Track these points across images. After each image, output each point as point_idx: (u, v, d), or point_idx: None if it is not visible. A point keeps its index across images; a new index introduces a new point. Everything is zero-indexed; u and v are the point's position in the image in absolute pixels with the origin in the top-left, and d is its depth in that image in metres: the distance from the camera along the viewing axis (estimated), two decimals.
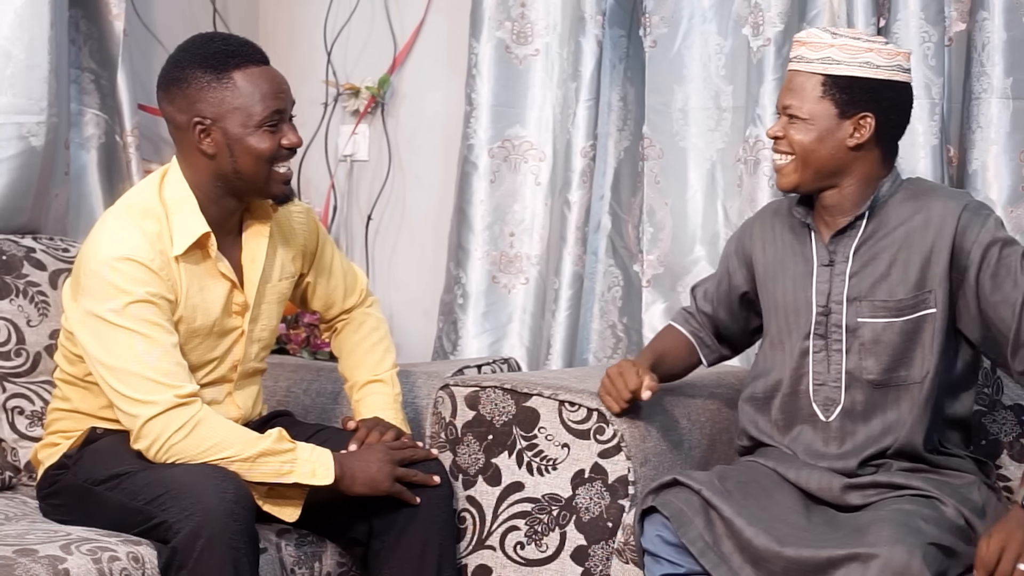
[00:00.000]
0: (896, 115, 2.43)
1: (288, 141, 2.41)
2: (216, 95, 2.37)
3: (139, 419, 2.32)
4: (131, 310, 2.31)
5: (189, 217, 2.40)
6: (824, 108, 2.39)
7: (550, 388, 2.56)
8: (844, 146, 2.40)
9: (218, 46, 2.42)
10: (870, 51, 2.40)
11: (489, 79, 3.45)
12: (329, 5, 3.74)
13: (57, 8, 2.99)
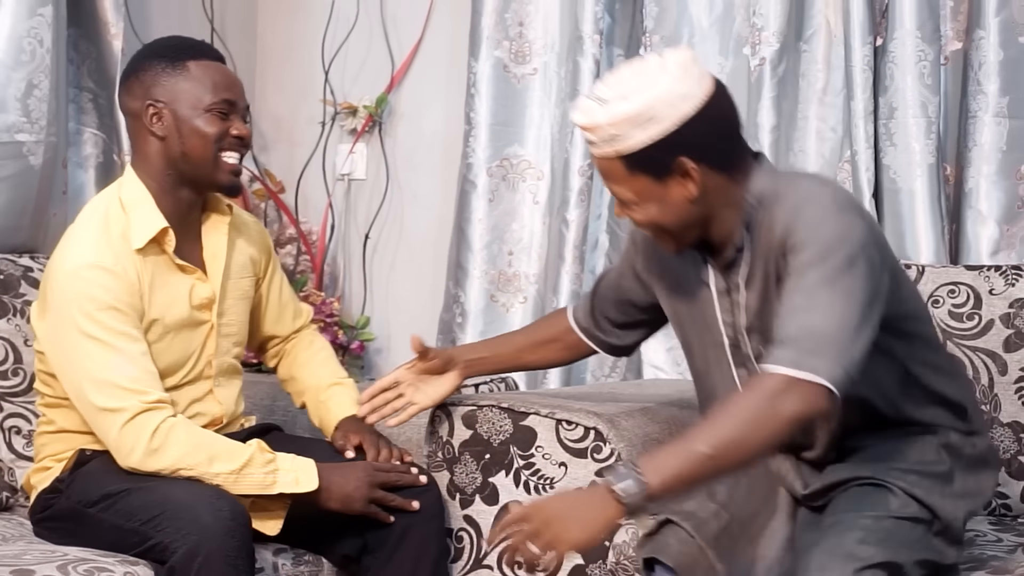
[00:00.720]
0: (711, 141, 2.12)
1: (237, 130, 2.47)
2: (170, 80, 2.45)
3: (111, 431, 2.32)
4: (98, 317, 2.33)
5: (147, 213, 2.44)
6: (641, 183, 2.12)
7: (547, 407, 2.56)
8: (685, 203, 2.13)
9: (176, 41, 2.56)
10: (640, 111, 2.06)
11: (487, 98, 3.46)
12: (327, 24, 3.75)
13: (56, 28, 2.99)
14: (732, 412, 2.01)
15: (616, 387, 3.22)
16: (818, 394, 1.98)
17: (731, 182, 2.15)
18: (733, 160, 2.16)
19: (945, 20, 3.08)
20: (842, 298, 2.02)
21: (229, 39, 3.70)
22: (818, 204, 2.10)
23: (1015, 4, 2.98)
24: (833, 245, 2.04)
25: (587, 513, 1.97)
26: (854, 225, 2.07)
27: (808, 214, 2.09)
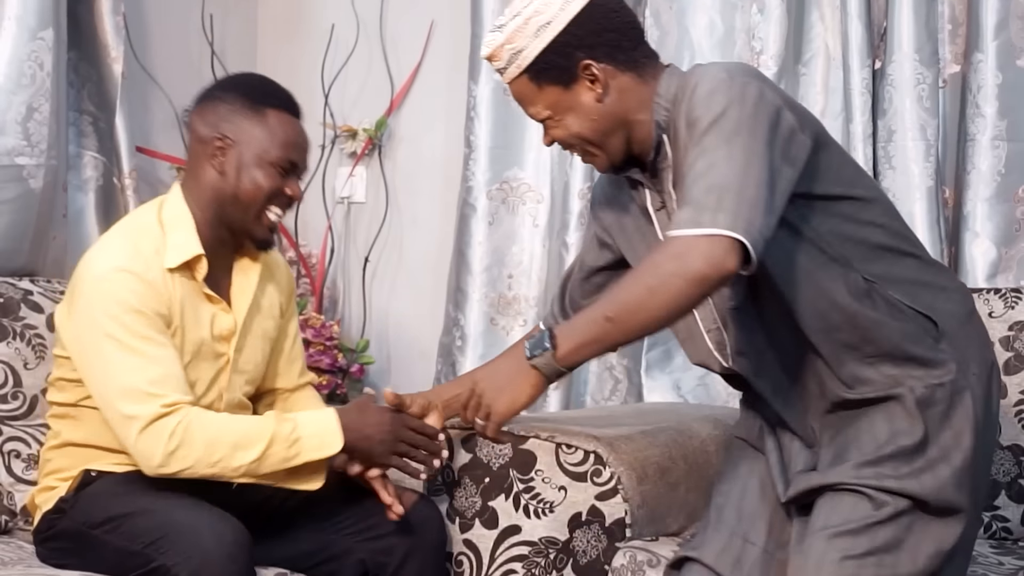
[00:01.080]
0: (604, 33, 2.16)
1: (291, 190, 2.47)
2: (245, 121, 2.44)
3: (131, 438, 2.31)
4: (123, 320, 2.32)
5: (185, 236, 2.44)
6: (550, 94, 2.18)
7: (547, 431, 2.55)
8: (596, 107, 2.16)
9: (263, 85, 2.54)
10: (529, 18, 2.14)
11: (487, 121, 3.46)
12: (327, 47, 3.76)
13: (57, 51, 3.00)
14: (636, 277, 2.03)
15: (616, 410, 3.22)
16: (723, 247, 1.94)
17: (639, 82, 2.18)
18: (636, 57, 2.19)
19: (943, 43, 3.09)
20: (741, 152, 1.99)
21: (229, 62, 3.71)
22: (709, 77, 2.08)
23: (1013, 28, 2.99)
24: (726, 109, 2.02)
25: (510, 384, 2.16)
26: (747, 87, 2.05)
27: (700, 90, 2.07)
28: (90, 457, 2.45)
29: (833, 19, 3.20)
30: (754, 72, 2.14)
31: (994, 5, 2.99)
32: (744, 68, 2.16)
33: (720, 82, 2.06)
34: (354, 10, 3.74)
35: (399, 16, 3.74)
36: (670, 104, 2.15)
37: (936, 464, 2.08)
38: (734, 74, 2.07)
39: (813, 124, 2.15)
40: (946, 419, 2.10)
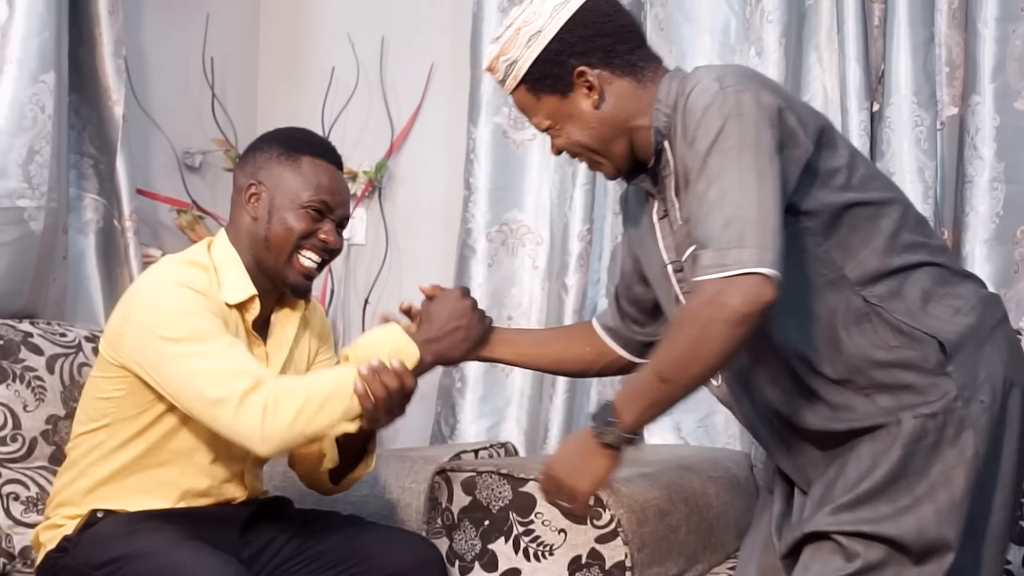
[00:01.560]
0: (597, 39, 2.12)
1: (324, 234, 2.46)
2: (279, 168, 2.47)
3: (226, 424, 2.28)
4: (185, 320, 2.33)
5: (238, 277, 2.46)
6: (548, 103, 2.15)
7: None
8: (595, 114, 2.13)
9: (302, 134, 2.58)
10: (520, 28, 2.13)
11: (487, 163, 3.47)
12: (327, 89, 3.78)
13: (58, 94, 3.02)
14: (678, 330, 1.96)
15: None
16: (755, 282, 1.89)
17: (638, 86, 2.14)
18: (633, 61, 2.14)
19: (941, 86, 3.10)
20: (751, 174, 1.94)
21: (230, 105, 3.73)
22: (700, 89, 2.02)
23: (1010, 70, 3.01)
24: (724, 125, 1.97)
25: (586, 463, 2.05)
26: (741, 95, 1.98)
27: (693, 104, 2.01)
28: (100, 499, 2.44)
29: (831, 62, 3.21)
30: (748, 74, 2.08)
31: (991, 48, 3.00)
32: (737, 72, 2.07)
33: (713, 95, 1.99)
34: (354, 53, 3.76)
35: (399, 59, 3.75)
36: (670, 110, 2.10)
37: (921, 502, 1.99)
38: (726, 83, 2.00)
39: (817, 121, 2.09)
40: (936, 452, 2.00)
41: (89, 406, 2.50)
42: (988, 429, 2.02)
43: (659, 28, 3.34)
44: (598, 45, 2.12)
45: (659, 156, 2.14)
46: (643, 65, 2.15)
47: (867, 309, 2.04)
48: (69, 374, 2.79)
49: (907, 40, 3.07)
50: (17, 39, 2.95)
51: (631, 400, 2.01)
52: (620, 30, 2.15)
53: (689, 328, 1.94)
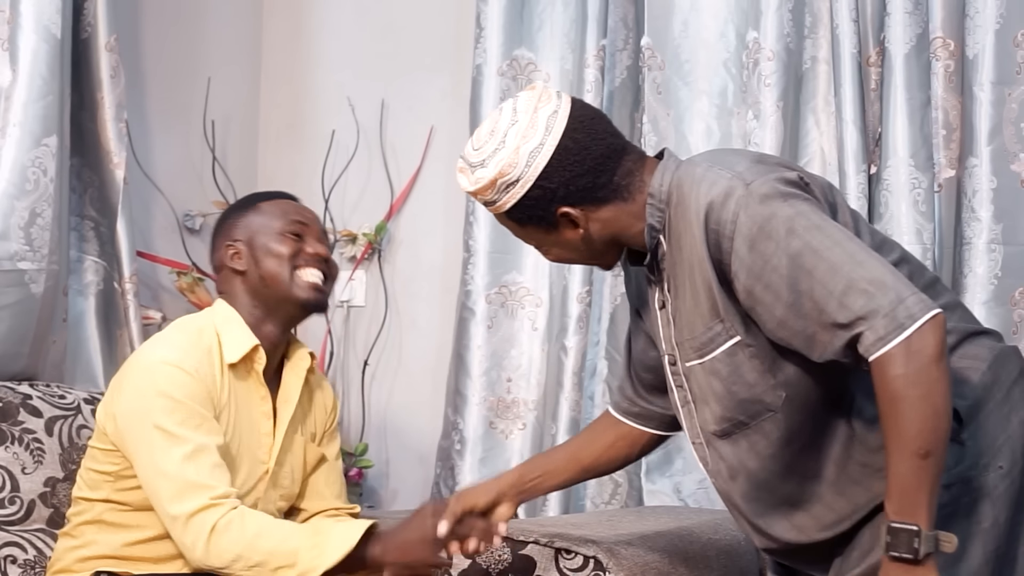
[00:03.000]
0: (578, 180, 2.06)
1: (311, 247, 2.53)
2: (244, 220, 2.56)
3: (175, 529, 2.31)
4: (171, 410, 2.34)
5: (240, 332, 2.48)
6: (534, 233, 2.13)
7: (546, 535, 2.54)
8: (580, 242, 2.11)
9: (255, 192, 2.70)
10: (497, 179, 2.07)
11: (486, 226, 3.48)
12: (327, 152, 3.80)
13: (60, 158, 3.03)
14: (901, 405, 1.84)
15: (616, 515, 3.20)
16: (931, 324, 1.84)
17: (625, 204, 2.09)
18: (615, 184, 2.08)
19: (938, 148, 3.11)
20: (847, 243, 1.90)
21: (230, 167, 3.74)
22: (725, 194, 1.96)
23: (1007, 133, 3.02)
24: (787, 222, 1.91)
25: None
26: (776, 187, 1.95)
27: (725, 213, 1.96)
28: (103, 564, 2.43)
29: (828, 124, 3.23)
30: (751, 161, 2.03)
31: (987, 111, 3.02)
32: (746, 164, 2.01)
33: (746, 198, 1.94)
34: (354, 116, 3.78)
35: (399, 122, 3.77)
36: (664, 204, 2.07)
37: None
38: (746, 178, 1.96)
39: (823, 194, 2.05)
40: (950, 524, 1.92)
41: (87, 475, 2.50)
42: (1008, 496, 1.97)
43: (657, 91, 3.36)
44: (580, 185, 2.06)
45: (656, 250, 2.11)
46: (628, 182, 2.09)
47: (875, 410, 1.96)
48: (68, 436, 2.78)
49: (904, 103, 3.09)
50: (20, 103, 2.97)
51: (910, 499, 1.86)
52: (598, 162, 2.08)
53: (911, 392, 1.84)
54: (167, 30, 3.61)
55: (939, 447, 1.85)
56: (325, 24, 3.89)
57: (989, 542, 1.96)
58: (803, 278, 1.90)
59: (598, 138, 2.09)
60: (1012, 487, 1.98)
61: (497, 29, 3.49)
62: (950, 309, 2.06)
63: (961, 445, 1.97)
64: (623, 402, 2.44)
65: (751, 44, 3.23)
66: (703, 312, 2.03)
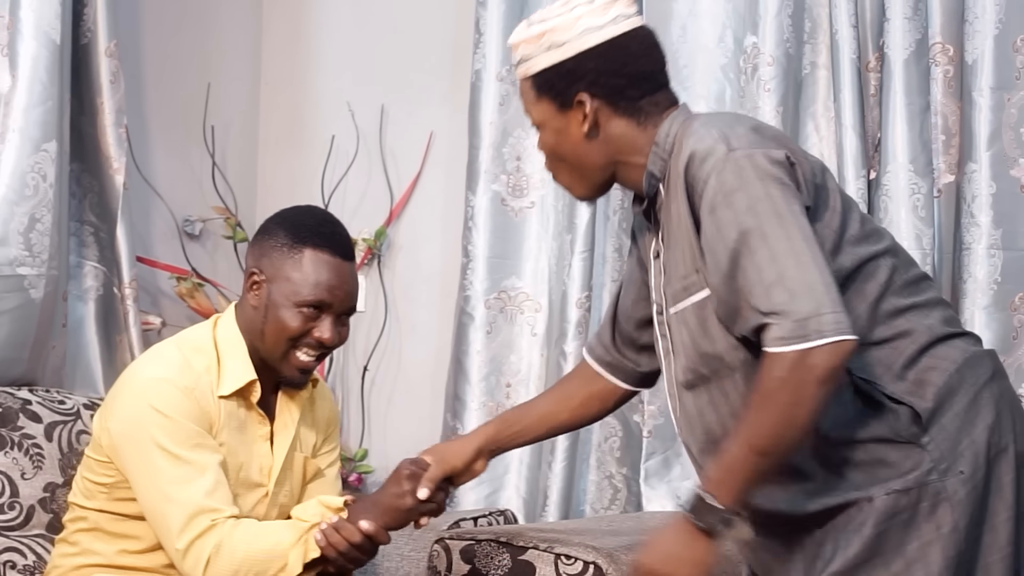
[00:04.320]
0: (611, 77, 2.09)
1: (320, 333, 2.39)
2: (281, 258, 2.39)
3: (174, 551, 2.30)
4: (167, 429, 2.31)
5: (239, 362, 2.42)
6: (545, 108, 2.13)
7: (545, 541, 2.54)
8: (581, 140, 2.11)
9: (310, 220, 2.46)
10: (545, 33, 2.10)
11: (485, 231, 3.49)
12: (327, 158, 3.80)
13: (60, 163, 3.03)
14: (764, 402, 1.90)
15: (615, 520, 3.21)
16: (839, 348, 1.86)
17: (636, 128, 2.10)
18: (640, 105, 2.10)
19: (937, 153, 3.12)
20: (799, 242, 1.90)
21: (230, 173, 3.74)
22: (708, 151, 1.97)
23: (1006, 138, 3.03)
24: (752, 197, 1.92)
25: (686, 552, 1.96)
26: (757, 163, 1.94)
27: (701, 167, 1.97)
28: (99, 571, 2.43)
29: (828, 130, 3.24)
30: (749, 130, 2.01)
31: (987, 116, 3.02)
32: (741, 131, 2.00)
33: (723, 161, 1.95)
34: (354, 121, 3.78)
35: (398, 127, 3.78)
36: (667, 155, 2.08)
37: None
38: (733, 145, 1.96)
39: (816, 178, 2.04)
40: (910, 529, 1.95)
41: (83, 483, 2.49)
42: (969, 502, 1.96)
43: None
44: (609, 83, 2.09)
45: (655, 198, 2.12)
46: (650, 110, 2.11)
47: (849, 380, 1.98)
48: (68, 442, 2.78)
49: (903, 109, 3.09)
50: (20, 108, 2.97)
51: (726, 480, 1.93)
52: (639, 75, 2.11)
53: (780, 396, 1.89)
54: (167, 36, 3.61)
55: (778, 453, 1.91)
56: (325, 30, 3.89)
57: (949, 547, 1.95)
58: (744, 256, 1.92)
59: (650, 59, 2.13)
60: (973, 492, 1.96)
61: (496, 35, 3.49)
62: (930, 307, 2.07)
63: (922, 449, 1.97)
64: (598, 348, 2.44)
65: (749, 49, 3.24)
66: (685, 261, 2.05)
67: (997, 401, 2.02)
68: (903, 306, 2.04)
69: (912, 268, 2.11)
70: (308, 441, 2.57)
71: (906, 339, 2.02)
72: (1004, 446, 2.00)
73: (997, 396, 2.03)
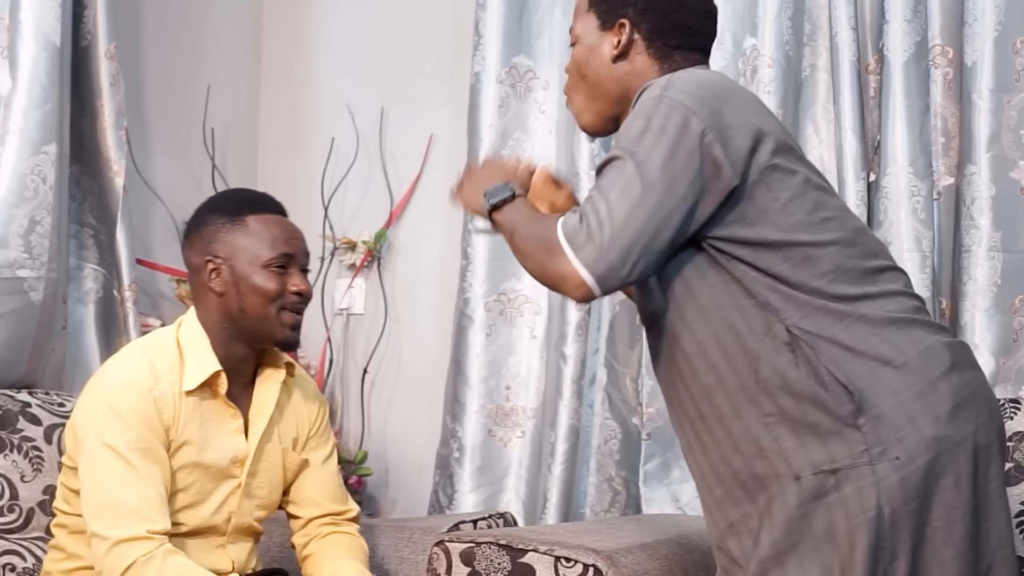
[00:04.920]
0: (659, 16, 2.20)
1: (295, 286, 2.46)
2: (229, 235, 2.46)
3: (96, 553, 2.30)
4: (119, 429, 2.32)
5: (202, 356, 2.43)
6: (589, 21, 2.24)
7: (545, 544, 2.54)
8: (607, 63, 2.21)
9: (237, 195, 2.57)
10: None
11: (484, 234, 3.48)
12: (327, 160, 3.80)
13: (60, 165, 3.03)
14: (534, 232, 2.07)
15: (615, 523, 3.20)
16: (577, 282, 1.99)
17: (658, 73, 2.19)
18: (671, 53, 2.20)
19: (937, 156, 3.12)
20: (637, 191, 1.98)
21: (230, 175, 3.74)
22: (651, 90, 2.08)
23: (1005, 140, 3.03)
24: (644, 134, 2.01)
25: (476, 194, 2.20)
26: (671, 115, 2.01)
27: (640, 100, 2.09)
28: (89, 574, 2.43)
29: (828, 132, 3.24)
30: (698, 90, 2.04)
31: (986, 118, 3.02)
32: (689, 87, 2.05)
33: (653, 100, 2.04)
34: (354, 124, 3.78)
35: (398, 130, 3.78)
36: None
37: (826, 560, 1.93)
38: (668, 92, 2.03)
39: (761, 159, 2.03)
40: (837, 510, 1.94)
41: (62, 490, 2.50)
42: (901, 488, 1.93)
43: None
44: (654, 19, 2.19)
45: None
46: (679, 62, 2.20)
47: (789, 338, 2.00)
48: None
49: (903, 111, 3.09)
50: (20, 110, 2.97)
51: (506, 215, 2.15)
52: (684, 26, 2.21)
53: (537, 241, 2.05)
54: (167, 38, 3.62)
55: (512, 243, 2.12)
56: (324, 32, 3.90)
57: (872, 531, 1.92)
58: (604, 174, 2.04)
59: (701, 20, 2.23)
60: (906, 480, 1.93)
61: (496, 37, 3.50)
62: (887, 296, 2.04)
63: (856, 429, 1.95)
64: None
65: (749, 51, 3.23)
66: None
67: (957, 394, 1.99)
68: (852, 294, 2.01)
69: (873, 259, 2.08)
70: (288, 433, 2.58)
71: (860, 320, 2.00)
72: (960, 439, 1.96)
73: (956, 388, 1.99)
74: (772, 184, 2.04)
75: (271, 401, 2.53)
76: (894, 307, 2.04)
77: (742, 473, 2.04)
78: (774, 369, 1.99)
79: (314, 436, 2.64)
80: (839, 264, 2.03)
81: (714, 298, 2.05)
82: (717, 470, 2.08)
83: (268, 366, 2.55)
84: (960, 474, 1.96)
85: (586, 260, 1.98)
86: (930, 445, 1.94)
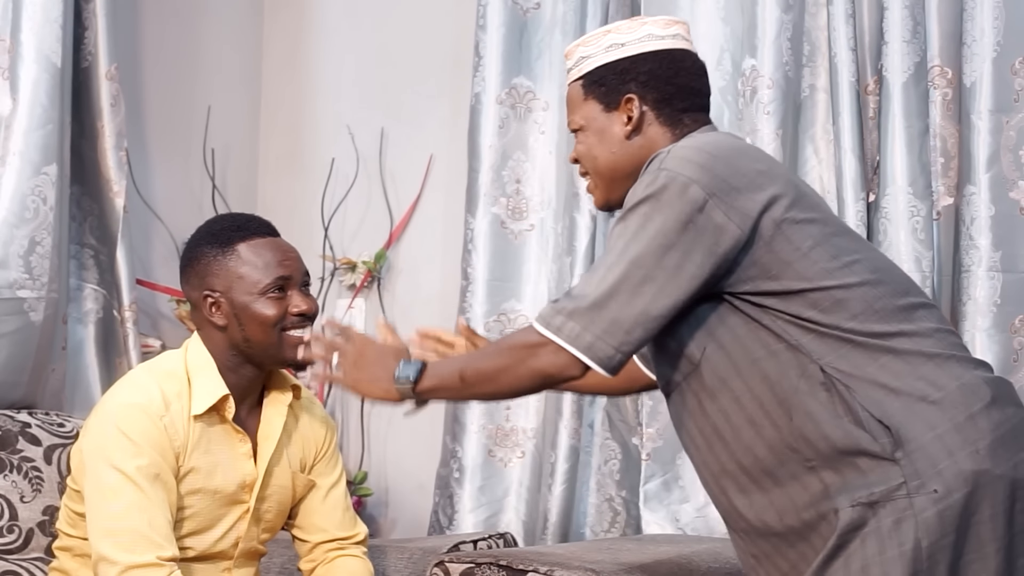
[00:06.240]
0: (662, 83, 2.20)
1: (296, 307, 2.45)
2: (222, 267, 2.44)
3: (109, 570, 2.28)
4: (129, 454, 2.32)
5: (210, 380, 2.43)
6: (590, 108, 2.24)
7: (546, 564, 2.54)
8: (621, 142, 2.22)
9: (224, 223, 2.52)
10: (610, 32, 2.24)
11: (485, 254, 3.49)
12: (327, 181, 3.80)
13: (60, 186, 3.04)
14: (498, 351, 2.11)
15: (615, 543, 3.20)
16: (565, 360, 2.01)
17: (671, 140, 2.20)
18: (680, 118, 2.22)
19: (936, 176, 3.12)
20: (623, 267, 2.01)
21: (230, 196, 3.75)
22: (657, 159, 2.09)
23: (1005, 161, 3.03)
24: (638, 206, 2.04)
25: (373, 386, 2.17)
26: (669, 186, 2.02)
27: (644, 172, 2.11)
28: None
29: (827, 153, 3.24)
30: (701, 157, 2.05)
31: (985, 139, 3.02)
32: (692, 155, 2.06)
33: (654, 172, 2.06)
34: (354, 144, 3.79)
35: (398, 150, 3.78)
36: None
37: None
38: (666, 164, 2.05)
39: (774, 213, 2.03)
40: (873, 543, 1.94)
41: (66, 512, 2.50)
42: (938, 522, 1.92)
43: None
44: (660, 88, 2.21)
45: None
46: (689, 125, 2.22)
47: (825, 379, 2.00)
48: (67, 465, 2.77)
49: (902, 131, 3.10)
50: (20, 131, 2.98)
51: (435, 378, 2.12)
52: (685, 89, 2.23)
53: (504, 356, 2.08)
54: (167, 59, 3.62)
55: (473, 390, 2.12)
56: (324, 52, 3.90)
57: (908, 565, 1.92)
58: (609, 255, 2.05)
59: (700, 80, 2.26)
60: (944, 514, 1.93)
61: (496, 58, 3.50)
62: (923, 335, 2.05)
63: (894, 463, 1.95)
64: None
65: (748, 72, 3.24)
66: None
67: (995, 428, 1.99)
68: (886, 331, 2.02)
69: (904, 297, 2.09)
70: (296, 455, 2.57)
71: (896, 357, 2.01)
72: (999, 473, 1.96)
73: (996, 423, 1.99)
74: (791, 235, 2.04)
75: (279, 424, 2.52)
76: (931, 344, 2.04)
77: (792, 521, 2.03)
78: (806, 414, 1.99)
79: (321, 461, 2.63)
80: (869, 304, 2.04)
81: (745, 349, 2.04)
82: (764, 518, 2.07)
83: (274, 389, 2.55)
84: (997, 509, 1.96)
85: (569, 336, 2.01)
86: (968, 479, 1.94)
